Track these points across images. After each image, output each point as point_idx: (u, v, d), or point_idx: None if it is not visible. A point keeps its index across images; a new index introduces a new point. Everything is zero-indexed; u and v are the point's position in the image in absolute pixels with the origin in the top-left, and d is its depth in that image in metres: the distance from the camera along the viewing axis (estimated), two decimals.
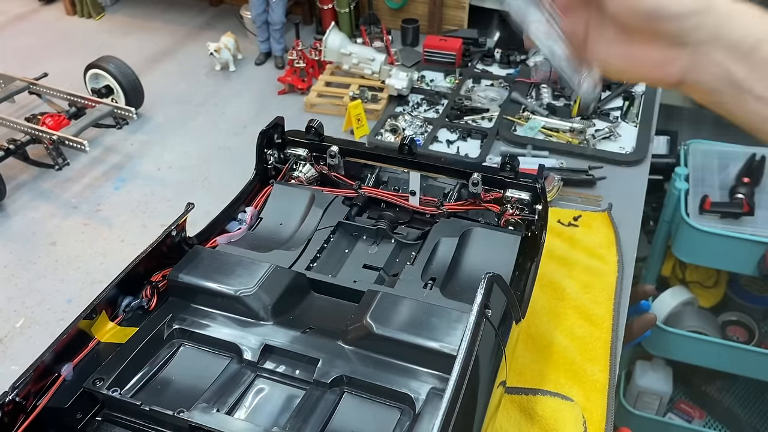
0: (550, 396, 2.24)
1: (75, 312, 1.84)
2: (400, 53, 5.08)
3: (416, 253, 2.30)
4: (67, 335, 1.75)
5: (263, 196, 2.54)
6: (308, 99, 4.68)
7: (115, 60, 4.61)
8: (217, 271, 1.98)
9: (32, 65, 5.03)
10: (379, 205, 2.59)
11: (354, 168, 2.62)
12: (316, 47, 4.89)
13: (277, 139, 2.62)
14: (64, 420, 1.67)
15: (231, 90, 5.05)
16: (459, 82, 4.73)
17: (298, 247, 2.31)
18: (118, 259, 3.43)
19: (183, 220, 2.15)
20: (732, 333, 4.28)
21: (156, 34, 5.81)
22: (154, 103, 4.82)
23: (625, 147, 4.07)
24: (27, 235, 3.70)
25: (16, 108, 4.72)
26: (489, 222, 2.44)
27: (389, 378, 1.72)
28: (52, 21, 6.08)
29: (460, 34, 5.09)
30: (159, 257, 2.08)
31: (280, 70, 5.17)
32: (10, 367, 2.88)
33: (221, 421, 1.61)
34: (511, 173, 2.37)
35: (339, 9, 5.23)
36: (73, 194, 4.04)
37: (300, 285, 2.08)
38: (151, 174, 4.21)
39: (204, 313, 1.95)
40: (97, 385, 1.70)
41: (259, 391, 1.79)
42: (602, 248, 3.03)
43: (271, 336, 1.87)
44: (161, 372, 1.83)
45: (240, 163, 3.98)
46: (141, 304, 1.98)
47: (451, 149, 4.13)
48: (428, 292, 2.08)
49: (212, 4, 6.27)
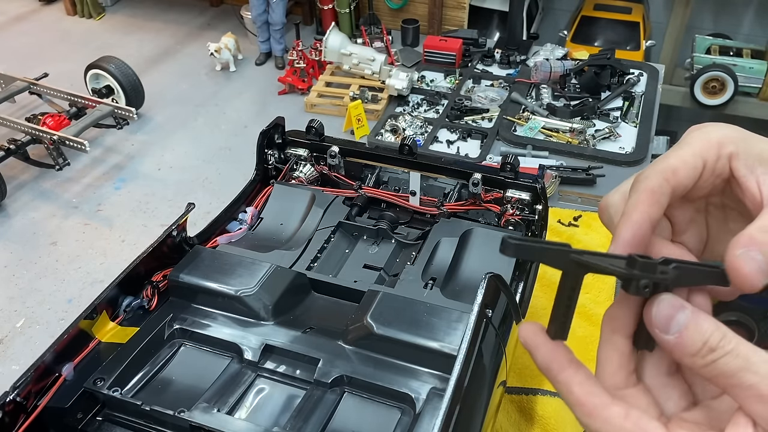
0: (550, 396, 2.24)
1: (76, 312, 1.84)
2: (400, 53, 5.09)
3: (416, 253, 2.30)
4: (67, 335, 1.75)
5: (264, 196, 2.54)
6: (308, 99, 4.68)
7: (116, 60, 4.61)
8: (218, 271, 1.98)
9: (33, 65, 5.03)
10: (379, 205, 2.59)
11: (354, 168, 2.62)
12: (317, 47, 4.89)
13: (277, 139, 2.62)
14: (65, 420, 1.67)
15: (231, 90, 5.05)
16: (459, 82, 4.74)
17: (298, 247, 2.31)
18: (118, 259, 3.43)
19: (183, 220, 2.15)
20: None
21: (156, 35, 5.82)
22: (155, 103, 4.83)
23: (625, 147, 4.08)
24: (27, 235, 3.71)
25: (17, 108, 4.72)
26: (489, 222, 2.45)
27: (390, 378, 1.72)
28: (52, 21, 6.08)
29: (460, 34, 5.09)
30: (160, 257, 2.08)
31: (281, 71, 5.18)
32: (11, 367, 2.89)
33: (222, 420, 1.61)
34: (511, 173, 2.37)
35: (339, 9, 5.24)
36: (74, 194, 4.04)
37: (300, 285, 2.08)
38: (152, 174, 4.21)
39: (205, 313, 1.95)
40: (97, 385, 1.70)
41: (259, 390, 1.79)
42: (602, 248, 3.02)
43: (271, 336, 1.87)
44: (162, 372, 1.83)
45: (240, 163, 3.99)
46: (142, 304, 1.98)
47: (451, 149, 4.13)
48: (428, 292, 2.08)
49: (213, 5, 6.27)
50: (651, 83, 4.66)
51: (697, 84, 5.32)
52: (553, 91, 4.51)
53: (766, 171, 0.53)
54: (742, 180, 0.54)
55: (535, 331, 0.53)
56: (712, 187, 0.57)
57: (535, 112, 4.27)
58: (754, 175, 0.54)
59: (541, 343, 0.53)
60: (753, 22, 6.25)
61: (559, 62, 4.62)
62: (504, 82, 4.66)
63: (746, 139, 0.56)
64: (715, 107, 5.42)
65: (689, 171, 0.55)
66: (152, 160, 4.29)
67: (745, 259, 0.50)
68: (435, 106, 4.46)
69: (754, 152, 0.55)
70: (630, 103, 4.41)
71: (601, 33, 5.93)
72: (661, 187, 0.54)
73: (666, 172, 0.55)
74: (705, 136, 0.56)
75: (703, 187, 0.56)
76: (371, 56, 4.53)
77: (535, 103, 4.38)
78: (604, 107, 4.36)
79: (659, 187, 0.54)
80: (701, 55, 5.52)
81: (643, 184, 0.55)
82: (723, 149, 0.55)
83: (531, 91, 4.57)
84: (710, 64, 5.35)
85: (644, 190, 0.54)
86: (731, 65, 5.32)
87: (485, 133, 4.13)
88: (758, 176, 0.53)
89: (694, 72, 5.36)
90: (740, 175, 0.54)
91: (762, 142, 0.56)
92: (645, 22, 5.90)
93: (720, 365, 0.48)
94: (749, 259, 0.50)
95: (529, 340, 0.53)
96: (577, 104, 4.39)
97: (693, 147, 0.56)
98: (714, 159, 0.55)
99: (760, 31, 6.17)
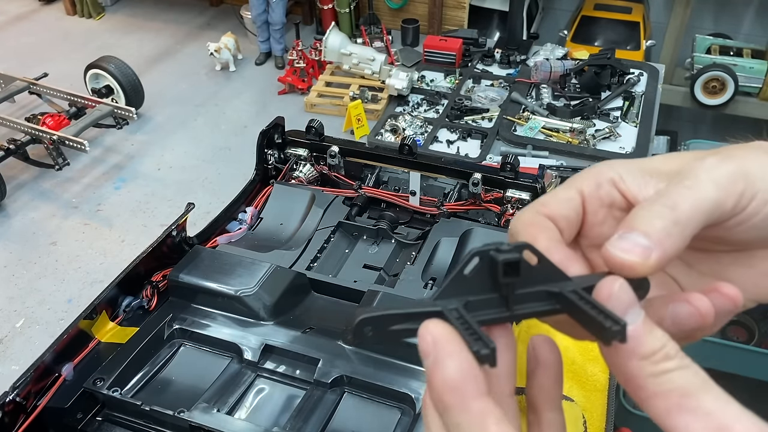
0: None
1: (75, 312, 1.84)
2: (400, 53, 5.09)
3: (416, 253, 2.30)
4: (67, 335, 1.75)
5: (263, 196, 2.54)
6: (308, 99, 4.68)
7: (116, 60, 4.61)
8: (218, 271, 1.98)
9: (32, 65, 5.03)
10: (379, 205, 2.59)
11: (354, 168, 2.62)
12: (317, 47, 4.89)
13: (277, 139, 2.62)
14: (65, 420, 1.67)
15: (231, 90, 5.05)
16: (459, 82, 4.73)
17: (298, 247, 2.31)
18: (118, 259, 3.43)
19: (183, 220, 2.15)
20: (732, 333, 4.28)
21: (156, 34, 5.82)
22: (155, 103, 4.83)
23: (625, 147, 4.08)
24: (27, 235, 3.70)
25: (17, 108, 4.72)
26: (489, 222, 2.45)
27: (390, 378, 1.72)
28: (52, 21, 6.08)
29: (460, 34, 5.09)
30: (159, 257, 2.08)
31: (281, 70, 5.17)
32: (11, 367, 2.89)
33: (222, 421, 1.61)
34: (511, 173, 2.37)
35: (339, 9, 5.24)
36: (74, 194, 4.04)
37: (300, 285, 2.07)
38: (152, 174, 4.21)
39: (204, 313, 1.95)
40: (97, 385, 1.70)
41: (259, 391, 1.79)
42: None
43: (271, 336, 1.87)
44: (162, 372, 1.83)
45: (240, 163, 3.98)
46: (141, 304, 1.98)
47: (451, 149, 4.13)
48: (429, 292, 2.08)
49: (212, 5, 6.27)
50: (651, 83, 4.66)
51: (697, 84, 5.32)
52: (553, 91, 4.51)
53: (661, 180, 0.50)
54: (639, 198, 0.50)
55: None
56: (616, 222, 0.51)
57: (535, 112, 4.27)
58: (650, 188, 0.50)
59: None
60: (753, 22, 6.26)
61: (559, 62, 4.62)
62: (504, 82, 4.66)
63: (624, 163, 0.53)
64: (715, 107, 5.42)
65: (561, 203, 0.52)
66: (152, 160, 4.29)
67: (613, 243, 0.46)
68: (435, 106, 4.45)
69: (636, 170, 0.52)
70: (630, 103, 4.41)
71: (601, 33, 5.93)
72: (536, 217, 0.51)
73: (536, 205, 0.52)
74: (581, 172, 0.54)
75: (600, 221, 0.53)
76: (371, 56, 4.53)
77: (535, 103, 4.37)
78: (604, 107, 4.36)
79: (534, 217, 0.51)
80: (701, 55, 5.52)
81: (519, 222, 0.52)
82: (600, 176, 0.52)
83: (531, 91, 4.57)
84: (710, 64, 5.35)
85: (523, 226, 0.51)
86: (731, 65, 5.32)
87: (485, 133, 4.13)
88: (654, 187, 0.50)
89: (695, 72, 5.36)
90: (635, 194, 0.51)
91: (643, 161, 0.53)
92: (645, 21, 5.90)
93: (676, 378, 0.42)
94: (618, 241, 0.46)
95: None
96: (577, 104, 4.38)
97: (566, 182, 0.54)
98: (593, 186, 0.52)
99: (760, 31, 6.17)
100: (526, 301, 0.45)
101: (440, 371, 0.42)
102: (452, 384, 0.41)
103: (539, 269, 0.45)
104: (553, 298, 0.45)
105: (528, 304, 0.46)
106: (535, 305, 0.46)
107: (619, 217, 0.52)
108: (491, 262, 0.44)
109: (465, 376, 0.41)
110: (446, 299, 0.44)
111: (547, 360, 0.52)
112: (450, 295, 0.44)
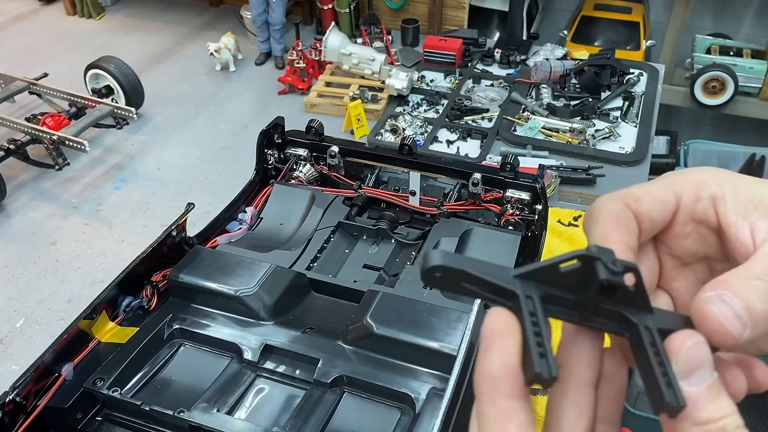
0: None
1: (75, 312, 1.84)
2: (400, 53, 5.09)
3: (416, 253, 2.30)
4: (67, 335, 1.75)
5: (263, 196, 2.54)
6: (308, 99, 4.69)
7: (116, 60, 4.61)
8: (218, 271, 1.98)
9: (32, 65, 5.03)
10: (379, 205, 2.59)
11: (354, 168, 2.62)
12: (317, 47, 4.89)
13: (277, 139, 2.62)
14: (65, 420, 1.67)
15: (231, 90, 5.05)
16: (459, 82, 4.73)
17: (298, 247, 2.31)
18: (118, 259, 3.43)
19: (183, 220, 2.15)
20: None
21: (156, 34, 5.82)
22: (155, 103, 4.83)
23: (625, 147, 4.08)
24: (27, 235, 3.71)
25: (17, 108, 4.73)
26: (489, 222, 2.45)
27: (389, 378, 1.72)
28: (52, 21, 6.09)
29: (460, 34, 5.09)
30: (159, 257, 2.08)
31: (281, 71, 5.18)
32: (11, 367, 2.89)
33: (221, 421, 1.61)
34: (511, 173, 2.37)
35: (339, 9, 5.24)
36: (74, 194, 4.04)
37: (300, 285, 2.08)
38: (152, 174, 4.21)
39: (204, 313, 1.95)
40: (97, 385, 1.70)
41: (259, 391, 1.79)
42: None
43: (271, 336, 1.87)
44: (161, 372, 1.83)
45: (240, 163, 3.98)
46: (141, 304, 1.98)
47: (451, 149, 4.13)
48: (428, 292, 2.08)
49: (212, 5, 6.27)
50: (651, 83, 4.66)
51: (697, 84, 5.32)
52: (553, 91, 4.50)
53: (762, 216, 0.45)
54: (731, 228, 0.46)
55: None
56: (701, 240, 0.48)
57: (535, 112, 4.27)
58: (747, 221, 0.45)
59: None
60: (753, 22, 6.25)
61: (559, 62, 4.62)
62: (504, 82, 4.66)
63: (732, 180, 0.48)
64: (715, 107, 5.42)
65: (655, 203, 0.47)
66: (152, 160, 4.29)
67: (714, 302, 0.41)
68: (435, 106, 4.45)
69: (742, 194, 0.47)
70: (630, 103, 4.41)
71: (601, 33, 5.93)
72: (622, 212, 0.47)
73: (627, 197, 0.48)
74: (681, 174, 0.49)
75: (684, 234, 0.49)
76: (371, 56, 4.53)
77: (535, 103, 4.37)
78: (604, 107, 4.35)
79: (620, 212, 0.47)
80: (701, 55, 5.51)
81: (603, 211, 0.47)
82: (703, 190, 0.47)
83: (531, 91, 4.57)
84: (710, 64, 5.35)
85: (605, 217, 0.46)
86: (731, 65, 5.32)
87: (485, 133, 4.13)
88: (753, 222, 0.45)
89: (694, 72, 5.36)
90: (730, 223, 0.46)
91: (753, 183, 0.48)
92: (645, 22, 5.90)
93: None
94: (720, 302, 0.41)
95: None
96: (577, 104, 4.38)
97: (664, 180, 0.49)
98: (692, 198, 0.48)
99: (760, 31, 6.17)
100: (600, 315, 0.44)
101: (486, 359, 0.42)
102: (491, 375, 0.41)
103: (629, 291, 0.42)
104: (626, 324, 0.44)
105: (601, 318, 0.44)
106: (607, 323, 0.44)
107: (705, 236, 0.49)
108: (592, 272, 0.41)
109: (504, 373, 0.41)
110: (527, 281, 0.42)
111: (611, 375, 0.47)
112: (532, 279, 0.42)
